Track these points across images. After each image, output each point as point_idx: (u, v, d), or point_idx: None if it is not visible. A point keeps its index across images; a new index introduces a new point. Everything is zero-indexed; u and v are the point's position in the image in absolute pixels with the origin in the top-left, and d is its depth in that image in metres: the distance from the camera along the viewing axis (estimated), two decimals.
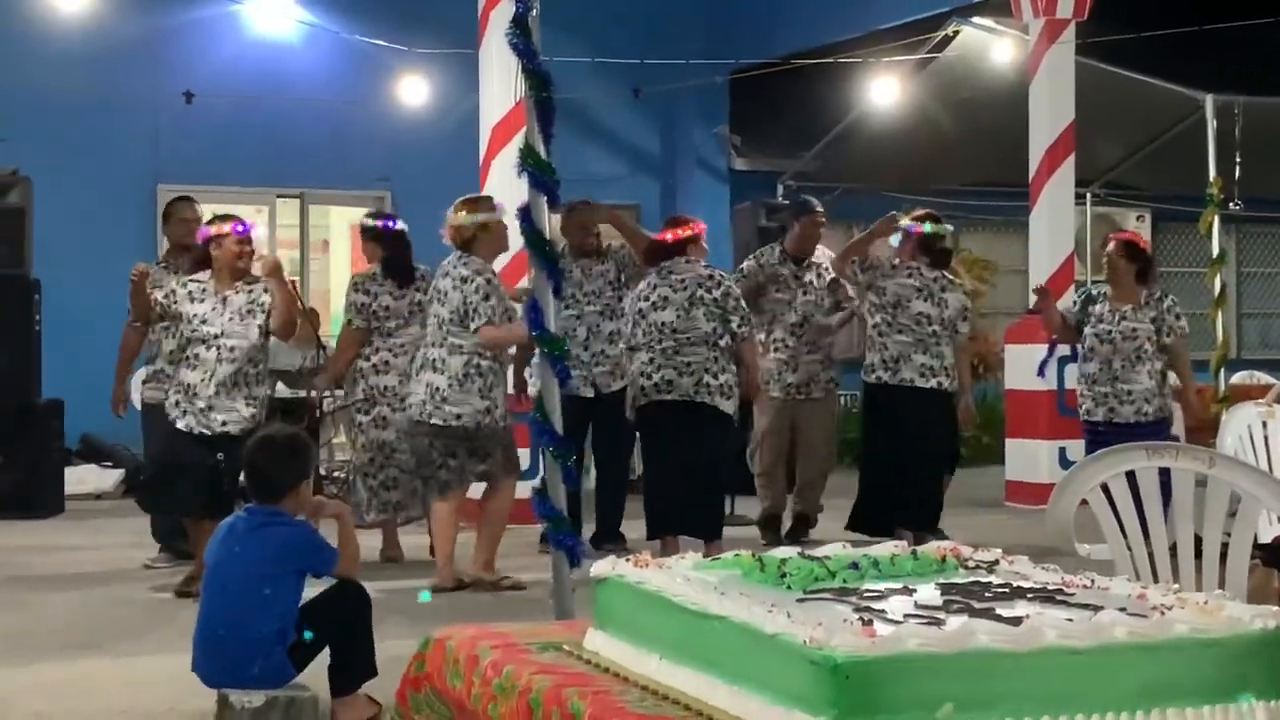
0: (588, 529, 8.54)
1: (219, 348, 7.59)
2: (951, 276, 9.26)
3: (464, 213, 7.97)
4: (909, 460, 8.85)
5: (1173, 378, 8.86)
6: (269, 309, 7.63)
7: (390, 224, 8.85)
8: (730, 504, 10.53)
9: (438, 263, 8.89)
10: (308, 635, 5.07)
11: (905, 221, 9.10)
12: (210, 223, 7.93)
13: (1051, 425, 11.37)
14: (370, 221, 8.92)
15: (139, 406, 8.78)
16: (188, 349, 7.67)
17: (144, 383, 8.69)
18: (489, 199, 8.25)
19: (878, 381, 8.94)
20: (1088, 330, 8.88)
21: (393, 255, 8.70)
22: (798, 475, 9.76)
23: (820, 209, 9.75)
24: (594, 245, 9.12)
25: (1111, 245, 9.12)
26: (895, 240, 9.16)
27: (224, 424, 7.47)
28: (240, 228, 7.78)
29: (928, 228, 9.02)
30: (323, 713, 5.06)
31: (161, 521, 8.56)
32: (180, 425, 7.59)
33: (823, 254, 9.75)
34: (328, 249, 16.81)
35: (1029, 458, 11.43)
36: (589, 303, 9.03)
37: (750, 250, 13.13)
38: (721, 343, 8.35)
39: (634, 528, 8.78)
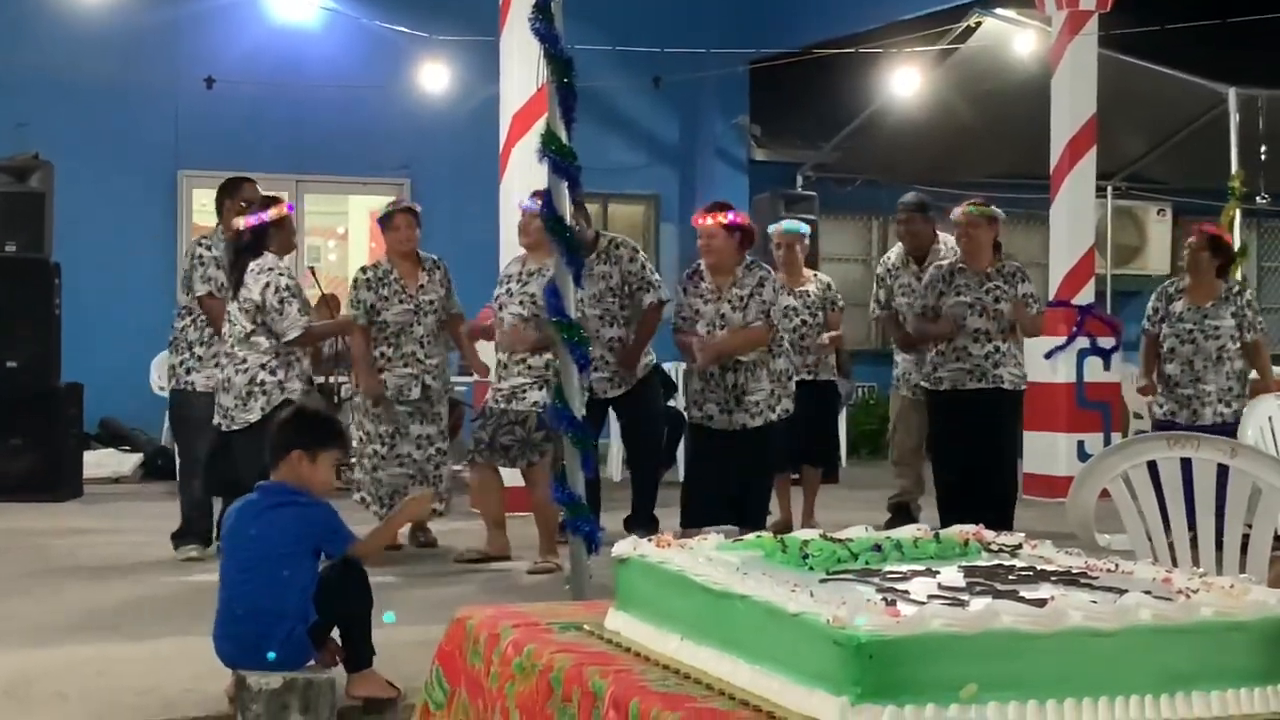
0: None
1: None
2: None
3: None
4: None
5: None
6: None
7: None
8: None
9: (453, 252, 8.94)
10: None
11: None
12: (256, 207, 7.84)
13: (1070, 418, 11.34)
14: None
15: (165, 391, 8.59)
16: None
17: (182, 367, 8.43)
18: None
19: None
20: (1166, 330, 8.83)
21: None
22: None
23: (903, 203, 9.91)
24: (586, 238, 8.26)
25: (1194, 239, 9.08)
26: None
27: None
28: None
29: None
30: (339, 696, 5.07)
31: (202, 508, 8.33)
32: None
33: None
34: (346, 237, 16.85)
35: (1047, 450, 11.39)
36: (590, 305, 8.40)
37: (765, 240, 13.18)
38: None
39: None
